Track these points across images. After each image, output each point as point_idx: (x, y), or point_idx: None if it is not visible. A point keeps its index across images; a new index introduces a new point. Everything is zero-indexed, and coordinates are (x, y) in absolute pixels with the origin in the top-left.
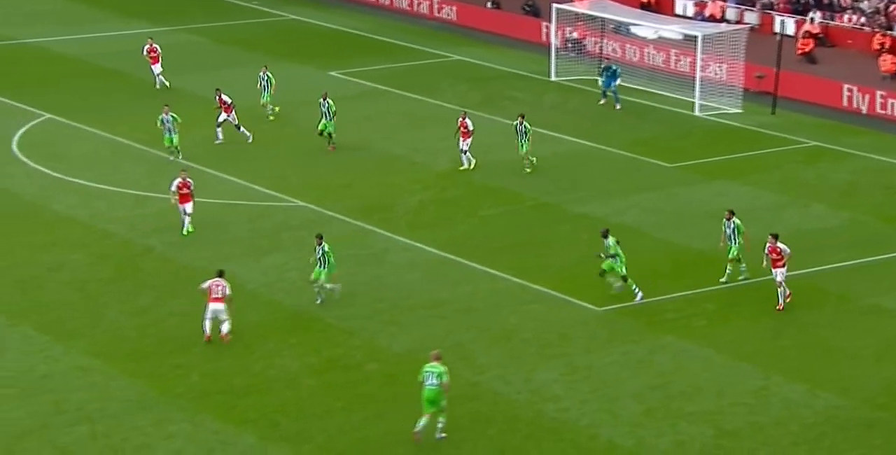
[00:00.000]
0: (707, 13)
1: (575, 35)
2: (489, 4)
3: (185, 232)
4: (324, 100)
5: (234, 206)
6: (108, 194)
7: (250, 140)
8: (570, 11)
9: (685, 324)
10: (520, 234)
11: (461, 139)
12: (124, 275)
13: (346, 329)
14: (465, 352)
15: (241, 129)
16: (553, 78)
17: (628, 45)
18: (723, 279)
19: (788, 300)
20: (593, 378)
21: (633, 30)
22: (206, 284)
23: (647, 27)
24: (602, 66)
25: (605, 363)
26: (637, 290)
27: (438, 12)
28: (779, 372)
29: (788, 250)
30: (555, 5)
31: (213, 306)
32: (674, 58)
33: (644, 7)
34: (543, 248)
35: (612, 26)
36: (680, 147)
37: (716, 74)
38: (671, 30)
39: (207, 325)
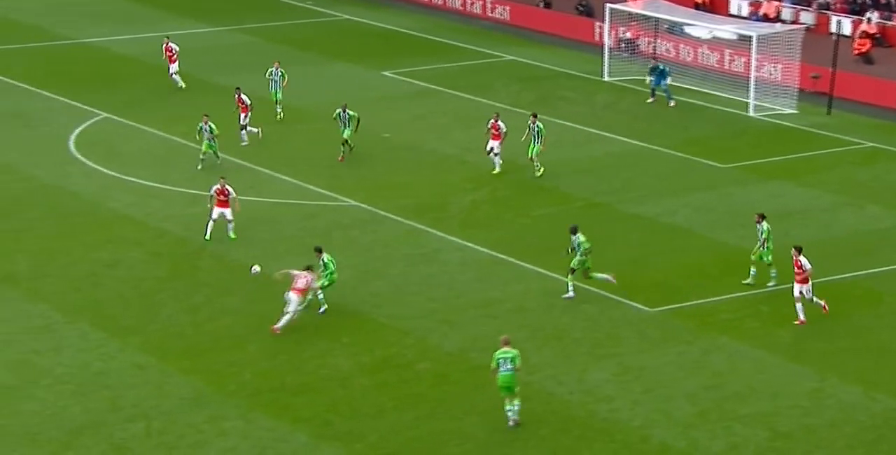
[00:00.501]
0: (762, 13)
1: (628, 35)
2: (541, 4)
3: (231, 235)
4: (343, 111)
5: (288, 204)
6: (163, 193)
7: (244, 143)
8: (623, 11)
9: (739, 325)
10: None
11: (491, 140)
12: (179, 272)
13: (398, 328)
14: (518, 351)
15: (245, 130)
16: (606, 78)
17: (682, 46)
18: (747, 281)
19: (825, 311)
20: (646, 378)
21: (687, 30)
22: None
23: (702, 27)
24: (650, 66)
25: (657, 364)
26: (570, 287)
27: (491, 12)
28: (834, 374)
29: (809, 266)
30: (608, 5)
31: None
32: (728, 58)
33: (698, 7)
34: (595, 248)
35: (665, 26)
36: (734, 147)
37: (770, 75)
38: (725, 30)
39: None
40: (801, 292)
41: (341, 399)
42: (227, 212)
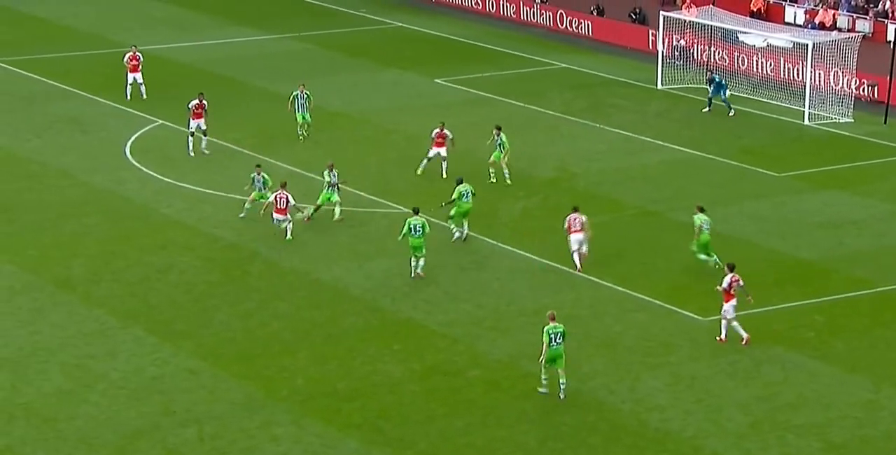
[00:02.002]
0: (818, 21)
1: (682, 43)
2: (594, 11)
3: (288, 237)
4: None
5: (341, 211)
6: (215, 199)
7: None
8: (677, 19)
9: (793, 335)
10: (623, 243)
11: (434, 147)
12: (231, 278)
13: (448, 335)
14: (569, 359)
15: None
16: (660, 86)
17: (736, 53)
18: (711, 262)
19: (721, 341)
20: (698, 388)
21: (742, 38)
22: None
23: (756, 35)
24: (707, 77)
25: (710, 373)
26: (455, 230)
27: (544, 19)
28: (890, 385)
29: (723, 285)
30: (662, 13)
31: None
32: (783, 66)
33: (753, 15)
34: (647, 256)
35: (720, 34)
36: (788, 156)
37: (826, 83)
38: (781, 38)
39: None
40: (726, 311)
41: (392, 405)
42: (284, 220)
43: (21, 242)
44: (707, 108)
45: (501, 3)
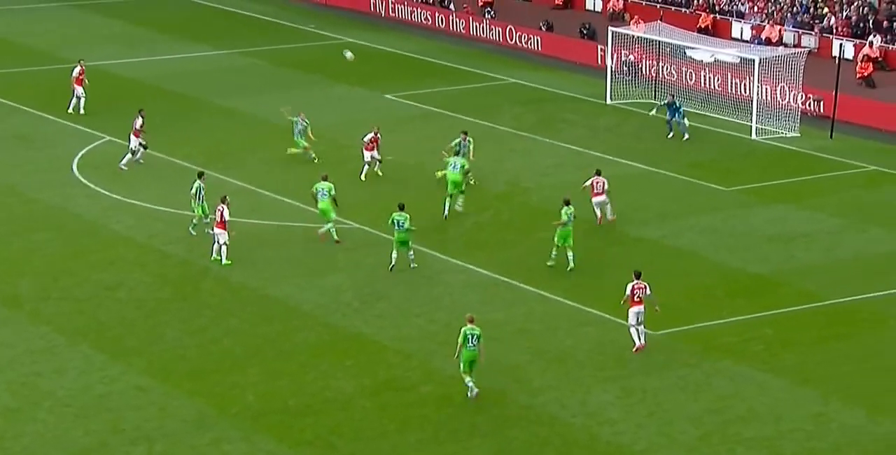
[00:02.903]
0: (764, 37)
1: (631, 58)
2: (543, 27)
3: (219, 259)
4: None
5: (291, 227)
6: (166, 215)
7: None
8: (626, 34)
9: (743, 348)
10: (575, 257)
11: (366, 151)
12: (182, 294)
13: (400, 351)
14: (521, 374)
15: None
16: (609, 101)
17: (684, 69)
18: (550, 263)
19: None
20: (649, 401)
21: (690, 53)
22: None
23: (704, 50)
24: (665, 102)
25: (661, 386)
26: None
27: (494, 35)
28: (838, 398)
29: (649, 291)
30: (611, 28)
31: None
32: (730, 81)
33: (701, 31)
34: (598, 270)
35: (668, 49)
36: (737, 170)
37: (773, 98)
38: (728, 53)
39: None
40: (629, 316)
41: (344, 421)
42: (224, 234)
43: None
44: (670, 134)
45: (451, 18)
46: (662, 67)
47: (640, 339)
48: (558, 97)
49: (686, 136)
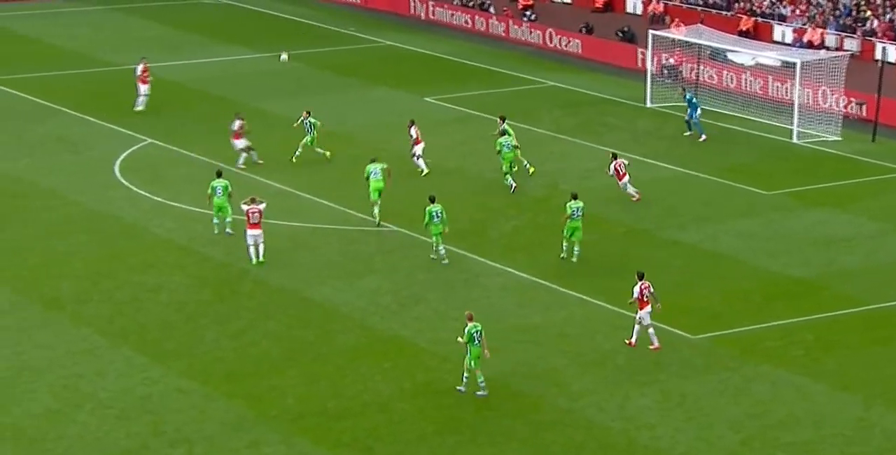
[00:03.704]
0: (806, 40)
1: (671, 61)
2: (583, 30)
3: (257, 262)
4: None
5: (330, 230)
6: (206, 218)
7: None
8: (666, 37)
9: (783, 352)
10: (612, 261)
11: (414, 145)
12: (221, 297)
13: (438, 353)
14: (559, 378)
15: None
16: (649, 104)
17: (725, 72)
18: (563, 255)
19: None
20: (688, 406)
21: (731, 56)
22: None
23: (745, 54)
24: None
25: (700, 391)
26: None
27: (533, 38)
28: (880, 402)
29: (652, 290)
30: (651, 31)
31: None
32: (772, 84)
33: (742, 34)
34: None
35: (708, 53)
36: (777, 174)
37: (815, 101)
38: (769, 56)
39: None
40: (641, 318)
41: (382, 424)
42: (259, 235)
43: (10, 262)
44: (688, 132)
45: (491, 21)
46: (703, 70)
47: (633, 339)
48: (598, 100)
49: (703, 137)
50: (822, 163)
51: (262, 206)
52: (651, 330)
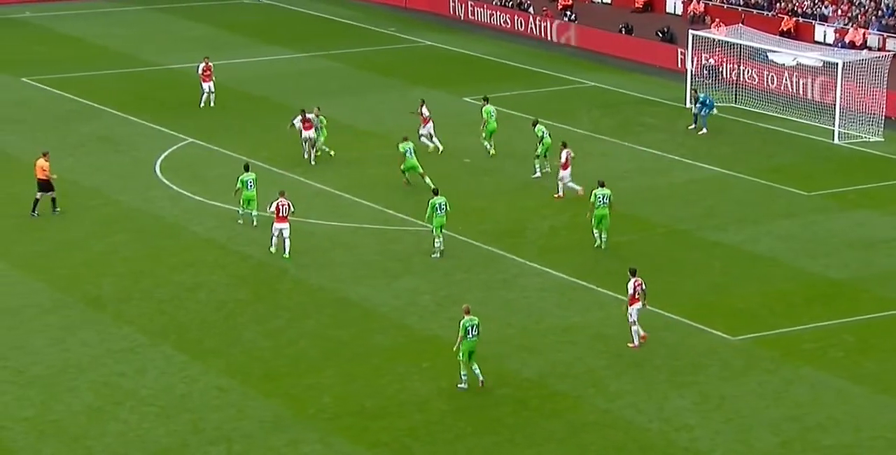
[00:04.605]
0: (848, 40)
1: (711, 62)
2: (622, 30)
3: (279, 252)
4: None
5: (368, 229)
6: (249, 223)
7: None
8: (706, 38)
9: (822, 355)
10: (651, 261)
11: (422, 125)
12: (260, 296)
13: (476, 353)
14: (597, 378)
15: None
16: (688, 105)
17: (766, 72)
18: (597, 244)
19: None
20: (727, 408)
21: (771, 56)
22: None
23: (786, 54)
24: (692, 95)
25: (739, 393)
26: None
27: (572, 38)
28: None
29: (644, 287)
30: (691, 31)
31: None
32: (813, 85)
33: (783, 34)
34: (675, 275)
35: (749, 53)
36: (818, 175)
37: (857, 102)
38: (810, 57)
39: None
40: (630, 314)
41: (420, 424)
42: (286, 228)
43: (52, 261)
44: (692, 125)
45: (531, 21)
46: (743, 71)
47: (635, 338)
48: (637, 100)
49: (704, 130)
50: (864, 164)
51: (290, 203)
52: (635, 328)
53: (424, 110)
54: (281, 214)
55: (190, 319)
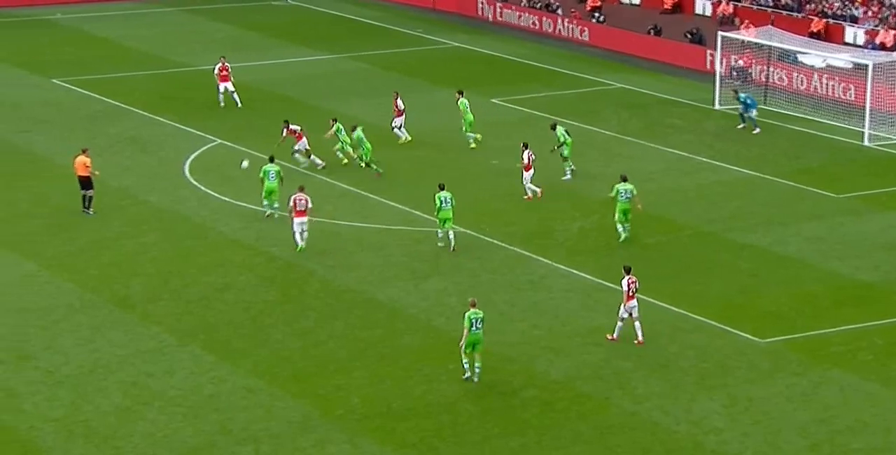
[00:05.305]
0: (878, 41)
1: (741, 63)
2: (651, 32)
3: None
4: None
5: (395, 230)
6: (273, 219)
7: (321, 166)
8: (735, 39)
9: (852, 357)
10: (678, 263)
11: (395, 117)
12: (288, 297)
13: (503, 355)
14: (624, 381)
15: (312, 156)
16: (717, 106)
17: (795, 74)
18: (622, 238)
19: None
20: (755, 410)
21: (801, 58)
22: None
23: (816, 56)
24: (733, 96)
25: (767, 395)
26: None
27: (600, 40)
28: None
29: (638, 285)
30: (720, 33)
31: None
32: (842, 86)
33: (812, 35)
34: (702, 277)
35: (778, 54)
36: (847, 177)
37: (886, 104)
38: (840, 58)
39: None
40: (629, 311)
41: (447, 425)
42: (305, 222)
43: (81, 261)
44: (741, 125)
45: (558, 22)
46: (772, 72)
47: (617, 332)
48: (665, 102)
49: (757, 129)
50: (894, 166)
51: (307, 198)
52: (620, 324)
53: (399, 102)
54: (299, 208)
55: (218, 320)
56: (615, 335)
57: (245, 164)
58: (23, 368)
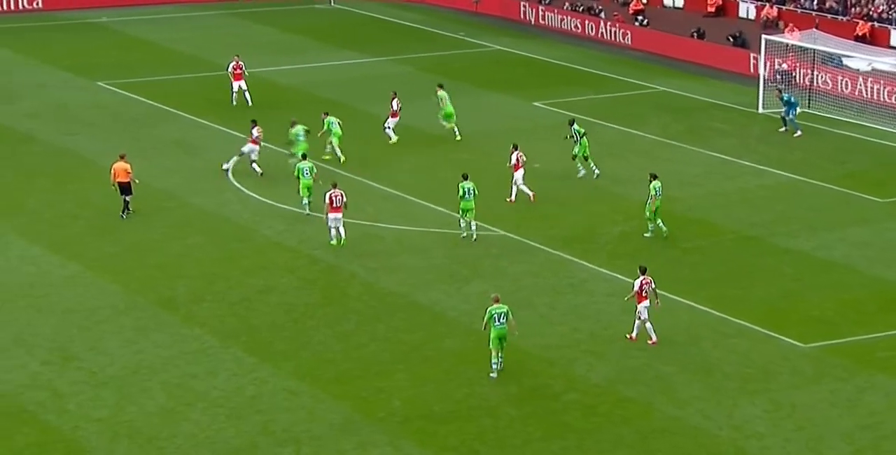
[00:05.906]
0: None
1: (784, 67)
2: (695, 35)
3: (339, 243)
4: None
5: (437, 233)
6: (315, 220)
7: (261, 174)
8: (780, 42)
9: None
10: (721, 267)
11: (389, 118)
12: (330, 299)
13: (545, 358)
14: (666, 385)
15: (255, 165)
16: (761, 110)
17: (840, 77)
18: (647, 234)
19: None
20: (798, 416)
21: (846, 62)
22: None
23: (861, 59)
24: (776, 96)
25: (811, 401)
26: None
27: (643, 43)
28: None
29: (654, 285)
30: (764, 36)
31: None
32: (888, 90)
33: (858, 39)
34: (745, 281)
35: (823, 58)
36: (893, 181)
37: None
38: (886, 62)
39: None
40: (640, 312)
41: (488, 428)
42: (340, 218)
43: (126, 263)
44: (783, 128)
45: (601, 26)
46: (817, 76)
47: (633, 334)
48: (708, 106)
49: (798, 132)
50: None
51: (342, 193)
52: (649, 325)
53: (395, 104)
54: (335, 205)
55: (261, 322)
56: (634, 334)
57: (226, 165)
58: (67, 369)
